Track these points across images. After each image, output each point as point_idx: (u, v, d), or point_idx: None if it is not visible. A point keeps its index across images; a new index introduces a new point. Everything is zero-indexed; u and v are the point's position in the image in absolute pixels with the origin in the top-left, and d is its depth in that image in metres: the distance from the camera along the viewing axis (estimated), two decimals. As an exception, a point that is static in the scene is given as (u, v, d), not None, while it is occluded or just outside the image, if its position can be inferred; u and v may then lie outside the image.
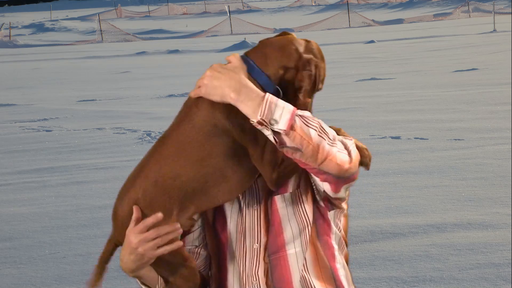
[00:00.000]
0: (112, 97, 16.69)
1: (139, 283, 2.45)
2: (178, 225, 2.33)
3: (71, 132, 12.28)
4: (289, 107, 2.18)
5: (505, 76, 15.88)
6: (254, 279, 2.35)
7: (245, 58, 2.32)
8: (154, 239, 2.31)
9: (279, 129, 2.15)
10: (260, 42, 2.37)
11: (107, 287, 5.46)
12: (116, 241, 2.42)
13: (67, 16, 67.03)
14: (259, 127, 2.17)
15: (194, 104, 2.30)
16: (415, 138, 10.08)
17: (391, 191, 7.51)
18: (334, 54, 24.90)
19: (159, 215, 2.33)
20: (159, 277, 2.41)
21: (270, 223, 2.36)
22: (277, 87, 2.30)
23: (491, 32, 30.62)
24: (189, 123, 2.29)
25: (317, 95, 2.41)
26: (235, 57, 2.30)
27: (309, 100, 2.36)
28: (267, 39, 2.38)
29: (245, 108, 2.19)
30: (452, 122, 11.05)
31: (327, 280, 2.38)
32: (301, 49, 2.34)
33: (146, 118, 13.02)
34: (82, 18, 60.48)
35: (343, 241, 2.44)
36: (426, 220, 6.49)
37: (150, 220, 2.32)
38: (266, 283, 2.34)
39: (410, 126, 10.90)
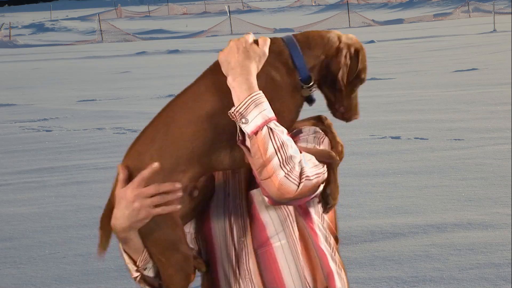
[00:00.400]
0: (112, 97, 16.69)
1: (122, 251, 2.33)
2: (179, 185, 2.24)
3: (71, 132, 12.28)
4: (268, 114, 2.17)
5: (505, 76, 15.88)
6: (247, 273, 2.34)
7: (290, 38, 2.36)
8: (152, 196, 2.22)
9: (245, 130, 2.16)
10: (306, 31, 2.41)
11: (107, 287, 5.46)
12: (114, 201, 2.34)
13: (67, 16, 67.02)
14: (232, 118, 2.18)
15: (206, 86, 2.29)
16: (415, 138, 10.08)
17: (391, 191, 7.51)
18: (334, 54, 24.91)
19: (155, 165, 2.24)
20: (144, 250, 2.30)
21: (251, 217, 2.36)
22: (310, 74, 2.31)
23: (491, 32, 30.62)
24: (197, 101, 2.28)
25: (316, 95, 2.40)
26: (265, 43, 2.32)
27: (352, 91, 2.36)
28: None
29: (234, 95, 2.20)
30: (452, 122, 11.05)
31: (315, 268, 2.36)
32: (341, 37, 2.36)
33: (146, 118, 12.99)
34: (82, 18, 60.48)
35: (329, 230, 2.43)
36: (426, 220, 6.49)
37: (146, 172, 2.24)
38: (259, 275, 2.34)
39: (410, 126, 10.90)
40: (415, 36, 30.82)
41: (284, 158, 2.14)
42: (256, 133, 2.15)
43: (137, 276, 2.32)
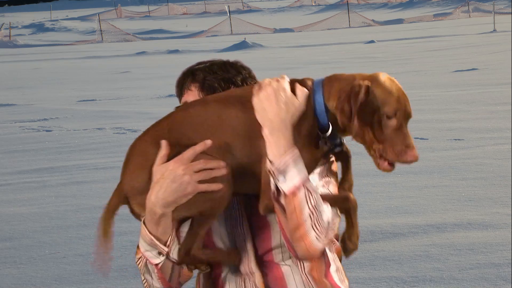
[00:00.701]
0: (112, 97, 16.69)
1: (147, 234, 2.28)
2: (224, 164, 2.22)
3: (71, 132, 12.28)
4: (303, 175, 2.17)
5: (505, 76, 15.88)
6: (251, 276, 2.35)
7: (317, 83, 2.26)
8: (200, 170, 2.20)
9: (281, 188, 2.16)
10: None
11: (107, 287, 5.46)
12: (121, 193, 2.29)
13: (67, 16, 67.02)
14: (268, 172, 2.17)
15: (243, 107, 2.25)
16: (415, 138, 10.07)
17: (391, 191, 7.51)
18: (334, 54, 24.92)
19: (208, 141, 2.23)
20: (174, 229, 2.29)
21: (254, 224, 2.36)
22: (329, 122, 2.23)
23: (491, 32, 30.63)
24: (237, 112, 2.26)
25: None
26: (303, 94, 2.23)
27: (380, 127, 2.20)
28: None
29: (269, 149, 2.18)
30: (452, 122, 11.05)
31: (319, 273, 2.38)
32: (359, 75, 2.24)
33: (146, 118, 13.01)
34: (82, 18, 60.48)
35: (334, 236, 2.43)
36: (426, 220, 6.49)
37: (198, 147, 2.22)
38: (262, 278, 2.34)
39: (410, 126, 10.84)
40: (415, 36, 30.83)
41: (316, 218, 2.18)
42: (293, 193, 2.15)
43: (159, 263, 2.29)
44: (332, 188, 2.38)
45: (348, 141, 2.38)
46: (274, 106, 2.20)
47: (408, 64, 20.16)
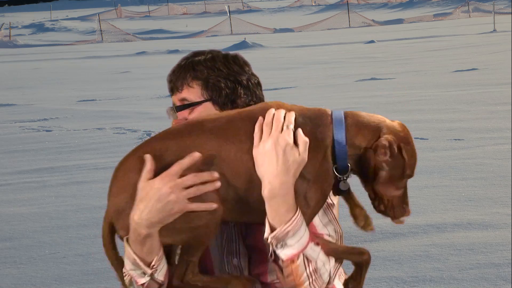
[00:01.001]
0: (112, 97, 16.69)
1: (131, 254, 2.12)
2: (217, 175, 2.08)
3: (71, 132, 12.28)
4: (304, 241, 2.09)
5: (505, 76, 15.87)
6: None
7: (339, 118, 2.15)
8: (189, 187, 2.06)
9: (279, 254, 2.10)
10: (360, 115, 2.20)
11: (107, 287, 5.45)
12: (109, 218, 2.15)
13: (67, 16, 67.02)
14: (265, 239, 2.10)
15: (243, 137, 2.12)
16: (415, 138, 10.03)
17: (391, 191, 7.50)
18: (334, 54, 24.91)
19: (196, 154, 2.08)
20: (162, 248, 2.13)
21: (250, 245, 2.29)
22: (349, 164, 2.16)
23: (491, 32, 30.62)
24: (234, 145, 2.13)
25: (317, 95, 2.38)
26: (305, 147, 2.10)
27: (396, 187, 2.15)
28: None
29: (268, 213, 2.08)
30: (452, 122, 11.05)
31: None
32: (386, 127, 2.16)
33: (146, 118, 13.01)
34: (82, 18, 60.47)
35: (338, 230, 2.38)
36: (426, 220, 6.49)
37: (186, 161, 2.07)
38: None
39: (410, 126, 10.80)
40: (415, 36, 30.82)
41: (314, 279, 2.12)
42: (292, 260, 2.10)
43: (144, 283, 2.17)
44: (336, 212, 2.34)
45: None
46: (273, 165, 2.07)
47: (408, 64, 20.15)
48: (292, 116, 2.13)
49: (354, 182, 2.30)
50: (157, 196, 2.05)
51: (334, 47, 28.20)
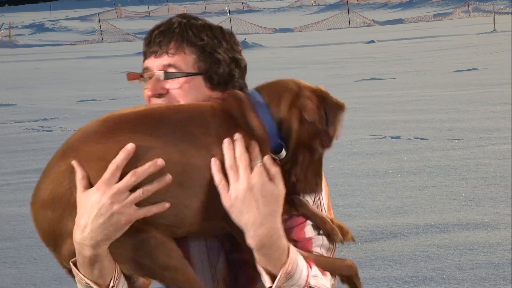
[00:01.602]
0: (112, 97, 16.69)
1: (81, 279, 1.81)
2: (162, 162, 1.70)
3: (71, 132, 12.19)
4: (302, 283, 1.83)
5: (505, 76, 15.87)
6: None
7: (253, 94, 1.87)
8: (133, 189, 1.71)
9: None
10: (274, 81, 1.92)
11: (107, 287, 5.45)
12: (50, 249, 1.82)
13: (67, 16, 67.03)
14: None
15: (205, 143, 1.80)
16: (415, 138, 10.08)
17: (391, 191, 7.51)
18: (334, 54, 24.91)
19: (129, 146, 1.69)
20: (117, 267, 1.79)
21: (235, 260, 2.00)
22: (281, 142, 1.85)
23: (491, 32, 30.62)
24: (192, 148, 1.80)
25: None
26: (279, 177, 1.79)
27: (314, 152, 1.87)
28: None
29: (260, 261, 1.80)
30: (452, 122, 11.05)
31: None
32: (297, 82, 1.90)
33: (146, 118, 13.01)
34: (82, 18, 60.49)
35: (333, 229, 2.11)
36: (426, 220, 6.49)
37: (119, 158, 1.69)
38: None
39: (410, 126, 10.90)
40: (415, 36, 30.82)
41: None
42: None
43: None
44: (325, 201, 2.07)
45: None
46: (255, 213, 1.76)
47: (408, 64, 20.15)
48: (256, 149, 1.80)
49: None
50: (96, 210, 1.71)
51: (334, 47, 28.20)
